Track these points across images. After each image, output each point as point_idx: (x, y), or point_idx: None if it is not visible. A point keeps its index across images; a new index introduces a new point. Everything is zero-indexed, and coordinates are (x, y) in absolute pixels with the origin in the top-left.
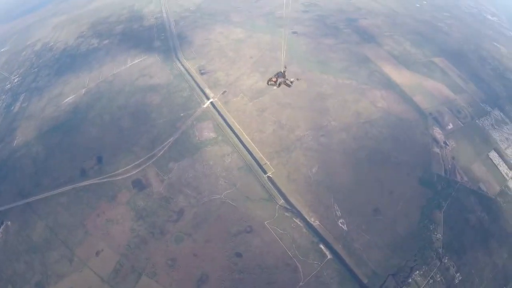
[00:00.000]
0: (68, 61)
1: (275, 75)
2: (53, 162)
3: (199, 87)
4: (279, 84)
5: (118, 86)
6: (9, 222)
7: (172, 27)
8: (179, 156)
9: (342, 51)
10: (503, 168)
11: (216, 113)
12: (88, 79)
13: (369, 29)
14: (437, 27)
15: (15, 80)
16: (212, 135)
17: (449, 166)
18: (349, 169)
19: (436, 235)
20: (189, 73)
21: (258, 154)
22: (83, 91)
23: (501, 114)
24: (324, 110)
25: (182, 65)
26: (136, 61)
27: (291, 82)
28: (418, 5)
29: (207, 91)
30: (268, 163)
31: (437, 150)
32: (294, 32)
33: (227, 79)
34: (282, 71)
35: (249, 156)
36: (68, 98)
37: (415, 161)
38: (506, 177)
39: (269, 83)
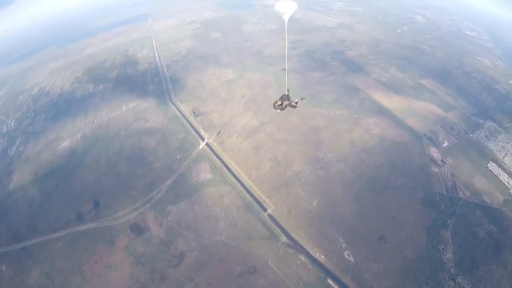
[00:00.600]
0: (64, 106)
1: (280, 98)
2: (50, 206)
3: (194, 129)
4: (285, 107)
5: (114, 131)
6: (4, 267)
7: (165, 71)
8: (177, 199)
9: (331, 83)
10: (503, 177)
11: (212, 154)
12: (83, 123)
13: (355, 59)
14: (420, 50)
15: (12, 124)
16: (209, 176)
17: (450, 183)
18: (349, 199)
19: (446, 255)
20: (183, 116)
21: (257, 192)
22: (79, 135)
23: (494, 124)
24: (319, 142)
25: (176, 108)
26: (131, 105)
27: (296, 103)
28: (399, 31)
29: (202, 132)
30: (268, 200)
31: (435, 169)
32: (283, 69)
33: (221, 120)
34: (286, 93)
35: (247, 195)
36: (64, 143)
37: (415, 183)
38: (508, 185)
39: (275, 106)
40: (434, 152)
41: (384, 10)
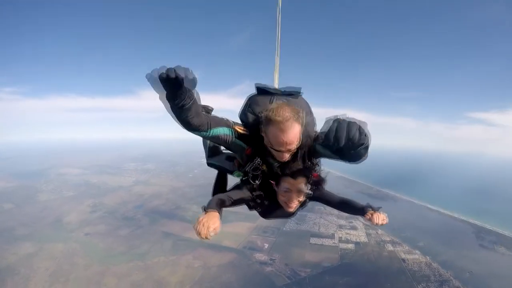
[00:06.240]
0: None
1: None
2: None
3: None
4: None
5: None
6: None
7: None
8: None
9: (140, 236)
10: (328, 242)
11: None
12: None
13: (157, 208)
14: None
15: None
16: None
17: (288, 272)
18: None
19: None
20: None
21: None
22: None
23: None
24: None
25: None
26: None
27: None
28: (191, 175)
29: None
30: None
31: (269, 268)
32: (87, 234)
33: None
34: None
35: None
36: None
37: None
38: (335, 244)
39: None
40: (260, 256)
41: (173, 163)
